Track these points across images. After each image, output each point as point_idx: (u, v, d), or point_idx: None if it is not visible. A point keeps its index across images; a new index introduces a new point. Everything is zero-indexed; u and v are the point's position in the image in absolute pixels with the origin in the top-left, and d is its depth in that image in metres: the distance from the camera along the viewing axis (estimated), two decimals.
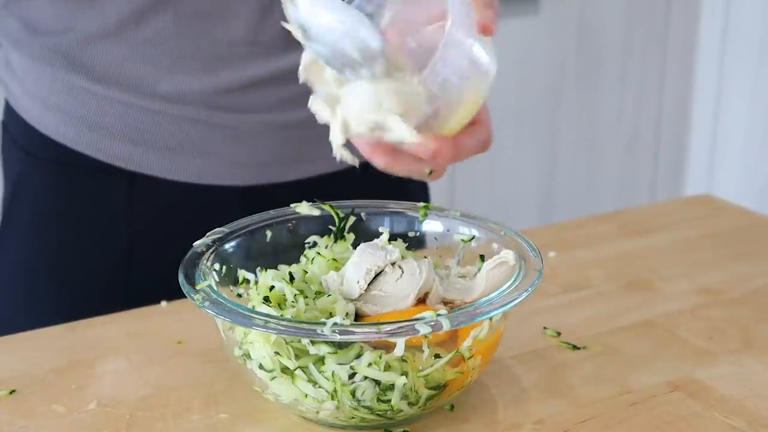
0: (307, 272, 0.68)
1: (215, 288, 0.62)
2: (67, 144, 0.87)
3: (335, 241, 0.72)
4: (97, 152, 0.87)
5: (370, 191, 0.83)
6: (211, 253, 0.67)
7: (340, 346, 0.59)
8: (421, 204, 0.74)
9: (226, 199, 0.88)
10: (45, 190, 0.90)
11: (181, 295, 0.65)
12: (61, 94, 0.86)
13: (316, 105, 0.62)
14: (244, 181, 0.88)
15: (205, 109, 0.85)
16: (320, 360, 0.59)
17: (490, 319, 0.61)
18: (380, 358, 0.58)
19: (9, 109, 0.93)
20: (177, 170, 0.87)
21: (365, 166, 0.96)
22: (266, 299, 0.62)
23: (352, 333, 0.57)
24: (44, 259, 0.90)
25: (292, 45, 0.86)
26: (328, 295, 0.64)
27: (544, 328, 0.76)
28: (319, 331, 0.57)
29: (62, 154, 0.88)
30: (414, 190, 1.01)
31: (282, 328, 0.57)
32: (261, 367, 0.60)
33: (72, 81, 0.85)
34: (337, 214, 0.72)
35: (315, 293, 0.65)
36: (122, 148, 0.86)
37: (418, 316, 0.59)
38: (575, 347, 0.73)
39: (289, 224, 0.72)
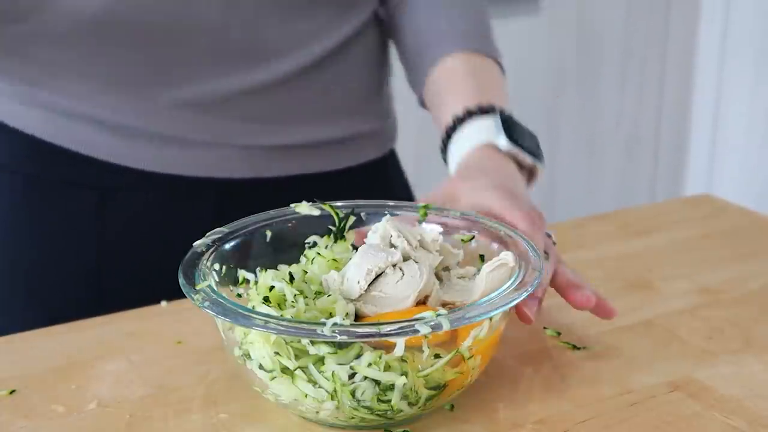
0: (307, 272, 0.68)
1: (215, 288, 0.62)
2: (45, 138, 0.87)
3: (335, 241, 0.71)
4: (77, 145, 0.87)
5: (373, 192, 0.83)
6: (211, 253, 0.67)
7: (340, 346, 0.59)
8: (421, 204, 0.74)
9: (201, 207, 0.88)
10: (17, 204, 0.90)
11: (181, 295, 0.65)
12: (38, 98, 0.87)
13: None
14: (226, 172, 0.88)
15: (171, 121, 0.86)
16: (320, 360, 0.59)
17: (490, 319, 0.61)
18: (380, 358, 0.58)
19: None
20: (154, 161, 0.87)
21: (366, 167, 0.97)
22: (266, 299, 0.62)
23: (352, 333, 0.57)
24: (16, 272, 0.91)
25: (256, 61, 0.86)
26: (328, 295, 0.64)
27: (544, 328, 0.76)
28: (319, 331, 0.57)
29: (35, 165, 0.89)
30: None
31: (282, 328, 0.57)
32: (261, 367, 0.60)
33: (51, 95, 0.86)
34: (337, 214, 0.72)
35: (315, 293, 0.65)
36: (114, 141, 0.87)
37: (418, 316, 0.59)
38: (575, 347, 0.73)
39: (289, 224, 0.72)
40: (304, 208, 0.73)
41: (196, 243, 0.68)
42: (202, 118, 0.87)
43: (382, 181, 1.00)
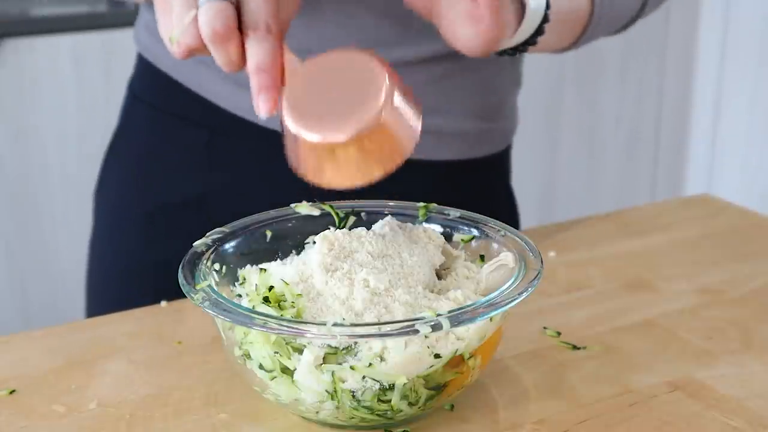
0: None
1: (215, 288, 0.62)
2: (176, 78, 0.93)
3: None
4: (197, 87, 0.91)
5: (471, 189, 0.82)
6: (211, 253, 0.67)
7: (340, 346, 0.59)
8: (421, 204, 0.74)
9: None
10: (144, 131, 0.97)
11: (180, 295, 0.65)
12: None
13: None
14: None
15: None
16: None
17: (490, 319, 0.61)
18: (380, 358, 0.58)
19: (136, 65, 1.00)
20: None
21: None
22: (266, 299, 0.62)
23: (353, 333, 0.57)
24: (137, 195, 0.97)
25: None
26: None
27: (544, 328, 0.76)
28: (318, 331, 0.57)
29: (163, 98, 0.94)
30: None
31: (282, 328, 0.57)
32: (261, 367, 0.60)
33: None
34: (337, 214, 0.72)
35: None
36: (224, 87, 0.90)
37: (418, 315, 0.59)
38: (575, 347, 0.73)
39: (289, 224, 0.72)
40: (304, 208, 0.73)
41: (196, 243, 0.68)
42: None
43: (484, 180, 0.99)
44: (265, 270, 0.66)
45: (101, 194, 1.03)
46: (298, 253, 0.71)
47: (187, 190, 0.95)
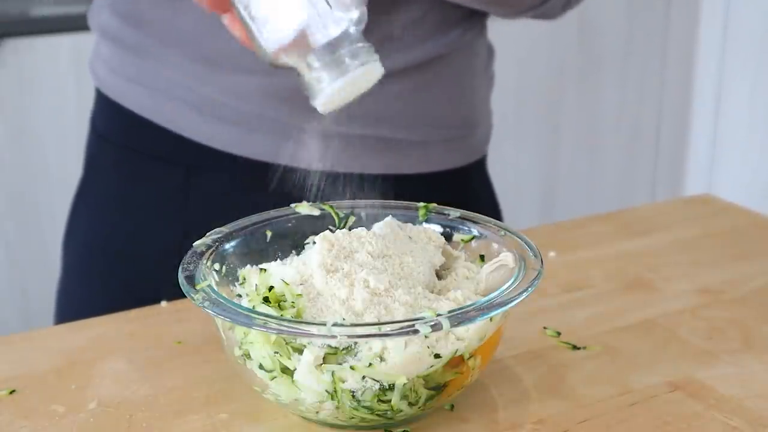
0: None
1: (215, 288, 0.62)
2: (144, 115, 0.90)
3: None
4: (168, 123, 0.90)
5: (456, 199, 0.82)
6: (211, 253, 0.67)
7: (340, 346, 0.59)
8: (421, 204, 0.74)
9: (280, 193, 0.88)
10: (112, 173, 0.95)
11: (181, 295, 0.65)
12: (142, 71, 0.90)
13: None
14: (304, 162, 0.88)
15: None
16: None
17: (490, 319, 0.61)
18: (380, 358, 0.58)
19: (96, 100, 0.98)
20: (246, 145, 0.88)
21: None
22: (266, 299, 0.62)
23: (352, 333, 0.57)
24: (106, 241, 0.94)
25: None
26: None
27: (544, 328, 0.76)
28: (318, 332, 0.57)
29: (128, 136, 0.92)
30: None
31: (282, 328, 0.57)
32: (261, 367, 0.60)
33: (154, 67, 0.89)
34: (337, 214, 0.72)
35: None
36: (201, 121, 0.89)
37: (418, 316, 0.59)
38: (575, 347, 0.73)
39: (289, 224, 0.72)
40: (305, 208, 0.73)
41: (196, 243, 0.68)
42: (290, 106, 0.87)
43: (464, 190, 0.99)
44: (265, 270, 0.66)
45: (71, 243, 1.00)
46: (298, 253, 0.71)
47: (163, 234, 0.92)
